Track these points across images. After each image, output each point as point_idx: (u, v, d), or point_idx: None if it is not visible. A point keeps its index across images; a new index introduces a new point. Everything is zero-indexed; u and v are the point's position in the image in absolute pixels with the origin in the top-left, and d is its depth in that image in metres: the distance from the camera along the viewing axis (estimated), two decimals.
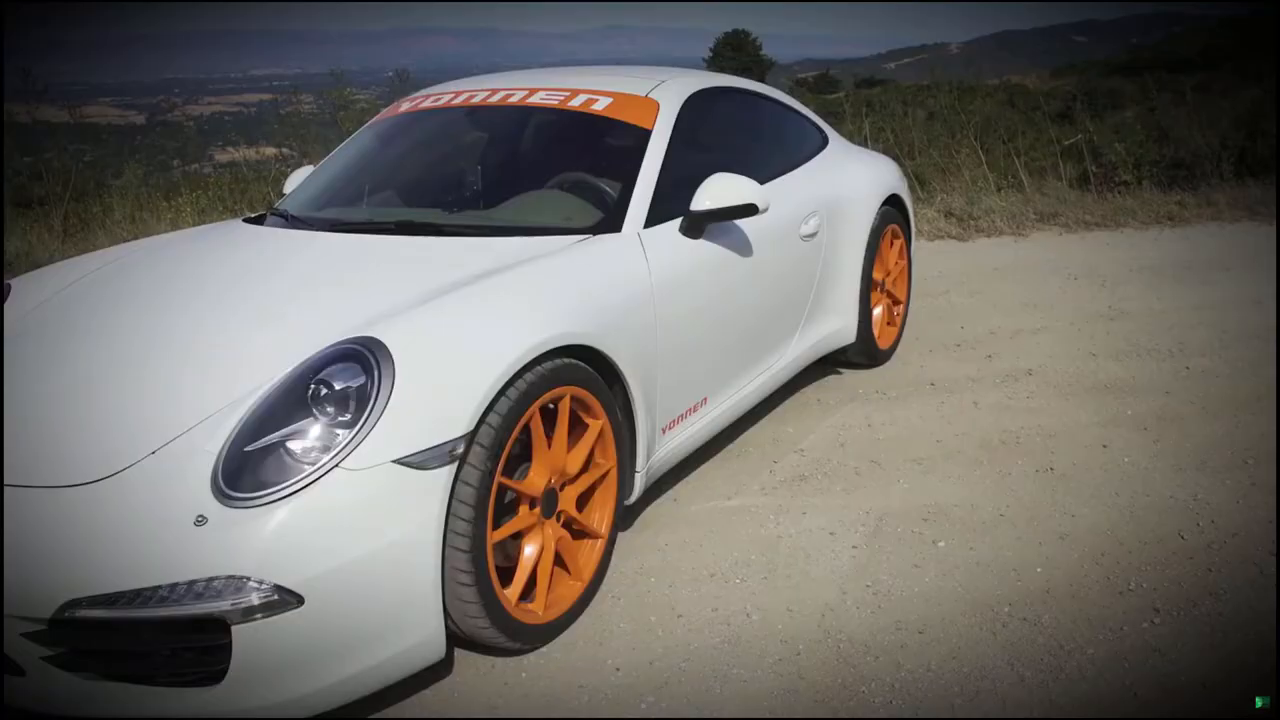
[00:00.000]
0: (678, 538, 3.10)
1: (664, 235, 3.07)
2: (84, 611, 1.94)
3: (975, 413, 4.12)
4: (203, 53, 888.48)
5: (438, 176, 3.83)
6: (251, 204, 8.92)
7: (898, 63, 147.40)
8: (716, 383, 3.33)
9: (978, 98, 12.98)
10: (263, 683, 2.00)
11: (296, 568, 1.96)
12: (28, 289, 3.04)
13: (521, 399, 2.33)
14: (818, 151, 4.40)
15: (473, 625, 2.32)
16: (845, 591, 2.78)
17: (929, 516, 3.21)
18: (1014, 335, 5.16)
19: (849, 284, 4.27)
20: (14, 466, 2.18)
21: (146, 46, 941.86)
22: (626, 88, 3.52)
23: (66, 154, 9.59)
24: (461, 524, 2.20)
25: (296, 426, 2.10)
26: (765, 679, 2.41)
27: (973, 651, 2.50)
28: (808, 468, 3.61)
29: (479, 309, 2.45)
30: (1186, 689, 2.37)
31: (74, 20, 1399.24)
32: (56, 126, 9.97)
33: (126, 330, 2.68)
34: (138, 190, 9.36)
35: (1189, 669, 2.42)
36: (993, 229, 8.01)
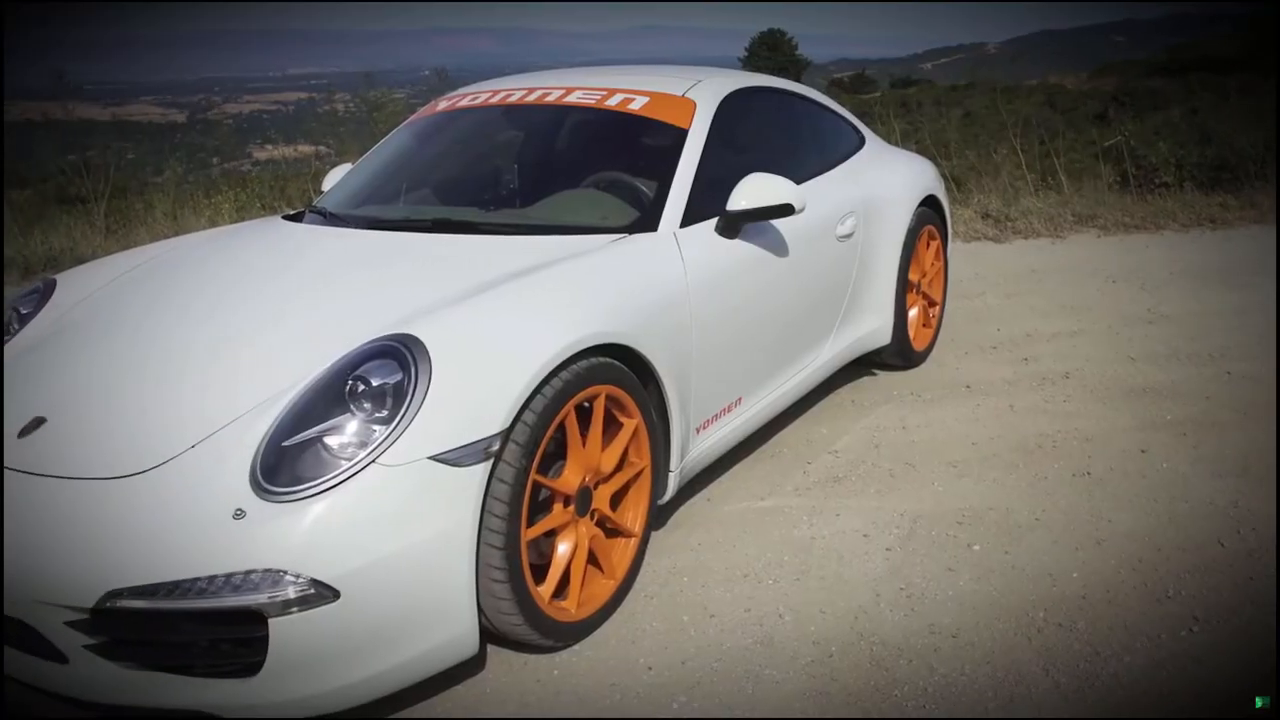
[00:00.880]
0: (711, 537, 3.10)
1: (700, 235, 3.07)
2: (125, 602, 1.97)
3: (1011, 416, 4.08)
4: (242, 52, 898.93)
5: (474, 175, 3.85)
6: (289, 201, 9.01)
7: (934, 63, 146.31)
8: (751, 383, 3.33)
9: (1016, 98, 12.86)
10: (298, 675, 2.02)
11: (332, 562, 1.98)
12: (73, 284, 3.09)
13: (557, 397, 2.33)
14: (854, 152, 4.38)
15: (506, 622, 2.33)
16: (879, 594, 2.77)
17: (964, 520, 3.18)
18: (1051, 338, 5.11)
19: (885, 285, 4.24)
20: (58, 458, 2.22)
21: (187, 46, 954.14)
22: (663, 87, 3.52)
23: (109, 152, 9.73)
24: (496, 521, 2.21)
25: (334, 422, 2.11)
26: (798, 680, 2.40)
27: (1007, 656, 2.47)
28: (842, 469, 3.60)
29: (515, 307, 2.46)
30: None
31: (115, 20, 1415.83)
32: (99, 124, 10.12)
33: (168, 325, 2.71)
34: (178, 187, 9.48)
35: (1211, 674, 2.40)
36: (1030, 230, 7.93)
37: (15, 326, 2.92)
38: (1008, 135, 9.96)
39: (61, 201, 9.24)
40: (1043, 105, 15.16)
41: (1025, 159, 9.48)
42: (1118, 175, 9.41)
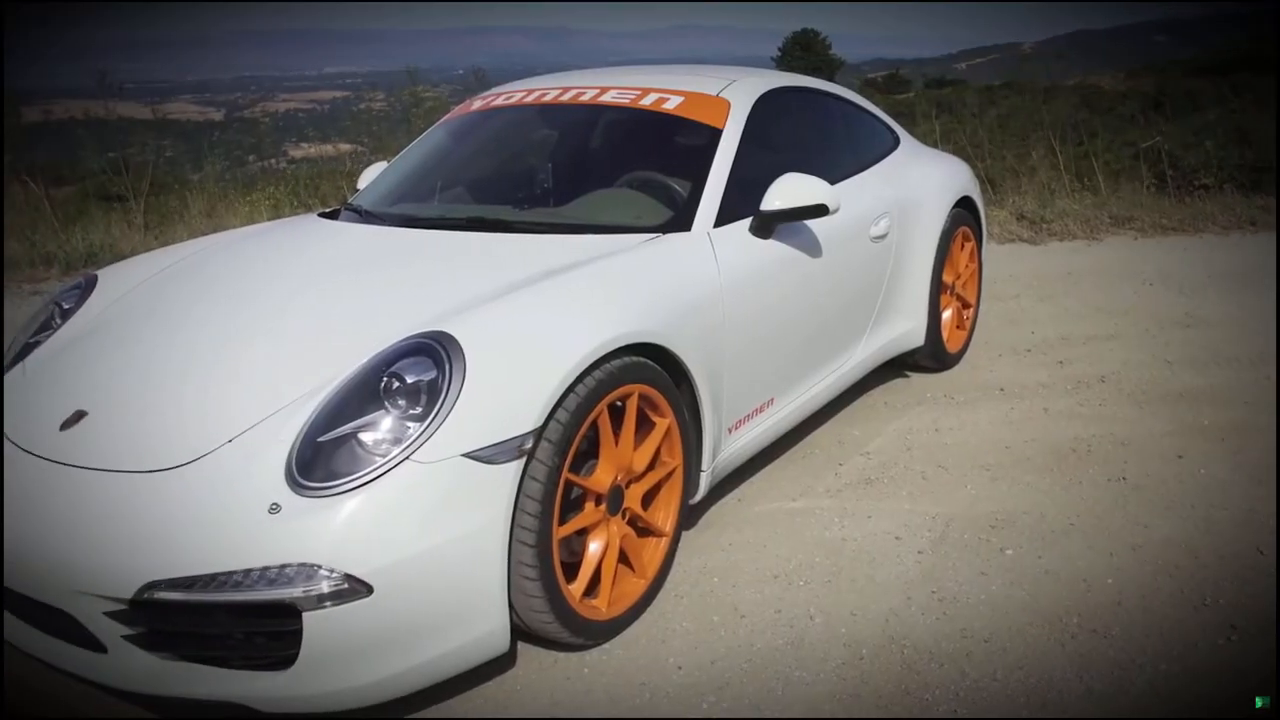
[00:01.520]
0: (742, 538, 3.09)
1: (733, 235, 3.06)
2: (162, 593, 2.00)
3: (1045, 419, 4.05)
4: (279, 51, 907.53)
5: (509, 174, 3.87)
6: (324, 199, 9.08)
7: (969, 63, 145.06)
8: (783, 383, 3.32)
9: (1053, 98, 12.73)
10: (331, 669, 2.04)
11: (366, 557, 2.00)
12: (113, 280, 3.13)
13: (590, 396, 2.34)
14: (889, 152, 4.36)
15: (537, 620, 2.34)
16: (910, 597, 2.75)
17: (997, 524, 3.16)
18: (1086, 341, 5.06)
19: (918, 286, 4.22)
20: (98, 451, 2.25)
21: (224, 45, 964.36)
22: (698, 87, 3.52)
23: (147, 150, 9.85)
24: (528, 519, 2.22)
25: (368, 419, 2.13)
26: (828, 683, 2.40)
27: (1040, 662, 2.45)
28: (874, 471, 3.58)
29: (549, 305, 2.47)
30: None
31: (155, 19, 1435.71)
32: (138, 123, 10.24)
33: (206, 321, 2.74)
34: (215, 185, 9.58)
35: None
36: (1065, 232, 7.86)
37: (57, 321, 2.96)
38: (1044, 136, 9.87)
39: (102, 199, 9.36)
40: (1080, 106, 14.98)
41: (1061, 160, 9.39)
42: (1156, 177, 9.30)
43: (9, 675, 2.41)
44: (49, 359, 2.77)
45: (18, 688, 2.39)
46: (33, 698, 2.36)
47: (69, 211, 8.82)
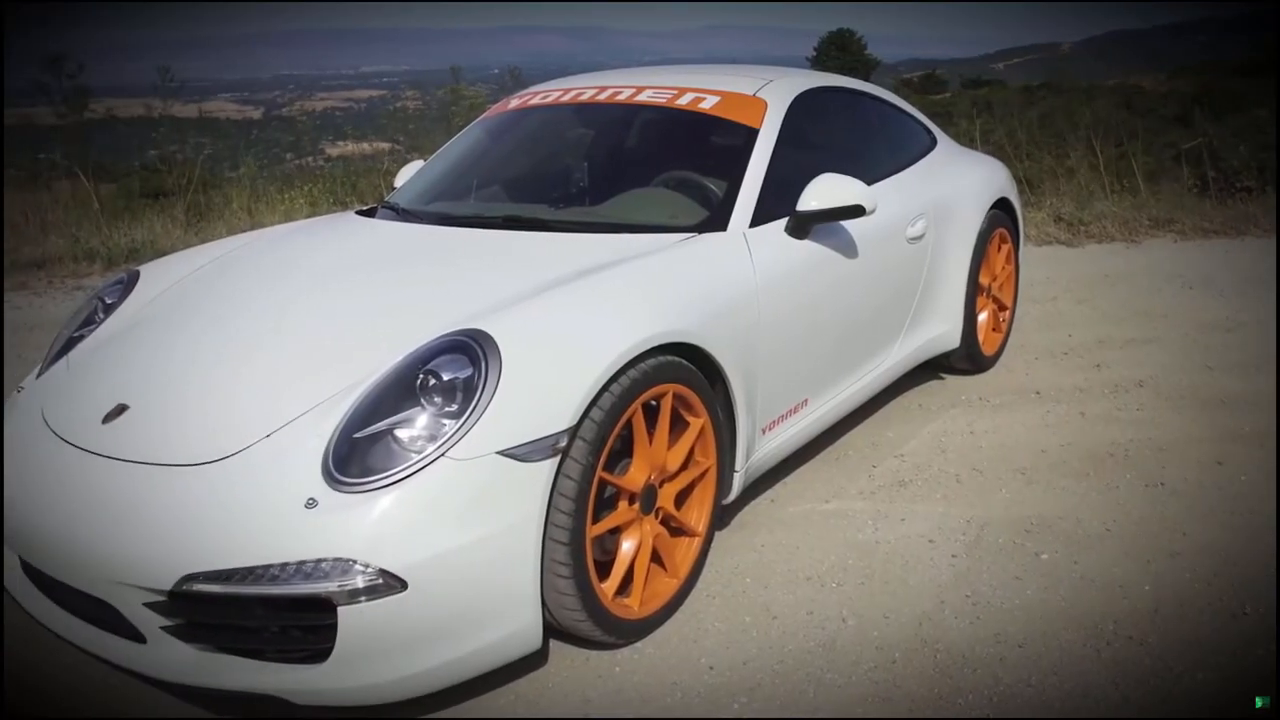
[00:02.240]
0: (774, 539, 3.09)
1: (769, 235, 3.06)
2: (200, 586, 2.02)
3: (1082, 423, 4.01)
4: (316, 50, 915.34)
5: (545, 173, 3.88)
6: (361, 197, 9.14)
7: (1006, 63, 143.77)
8: (818, 384, 3.31)
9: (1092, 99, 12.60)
10: (365, 663, 2.06)
11: (401, 553, 2.01)
12: (155, 275, 3.18)
13: (624, 395, 2.34)
14: (926, 153, 4.34)
15: (569, 617, 2.35)
16: (944, 601, 2.74)
17: (1032, 528, 3.13)
18: (1124, 345, 5.01)
19: (954, 288, 4.19)
20: (139, 444, 2.28)
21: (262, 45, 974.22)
22: (734, 86, 3.52)
23: (189, 147, 9.97)
24: (562, 517, 2.23)
25: (404, 415, 2.14)
26: (860, 685, 2.39)
27: (1075, 669, 2.43)
28: (908, 473, 3.56)
29: (584, 304, 2.48)
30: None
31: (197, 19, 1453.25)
32: (180, 121, 10.36)
33: (245, 317, 2.77)
34: (254, 182, 9.68)
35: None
36: (1104, 234, 7.78)
37: (100, 316, 3.01)
38: (1083, 137, 9.77)
39: (144, 195, 9.49)
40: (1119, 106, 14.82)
41: (1101, 161, 9.29)
42: (1197, 178, 9.18)
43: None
44: (92, 353, 2.82)
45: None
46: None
47: (113, 208, 8.94)
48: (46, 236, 7.77)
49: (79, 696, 2.38)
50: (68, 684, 2.43)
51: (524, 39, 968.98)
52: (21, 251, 7.34)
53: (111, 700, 2.37)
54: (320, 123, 14.26)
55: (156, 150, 9.92)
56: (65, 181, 9.04)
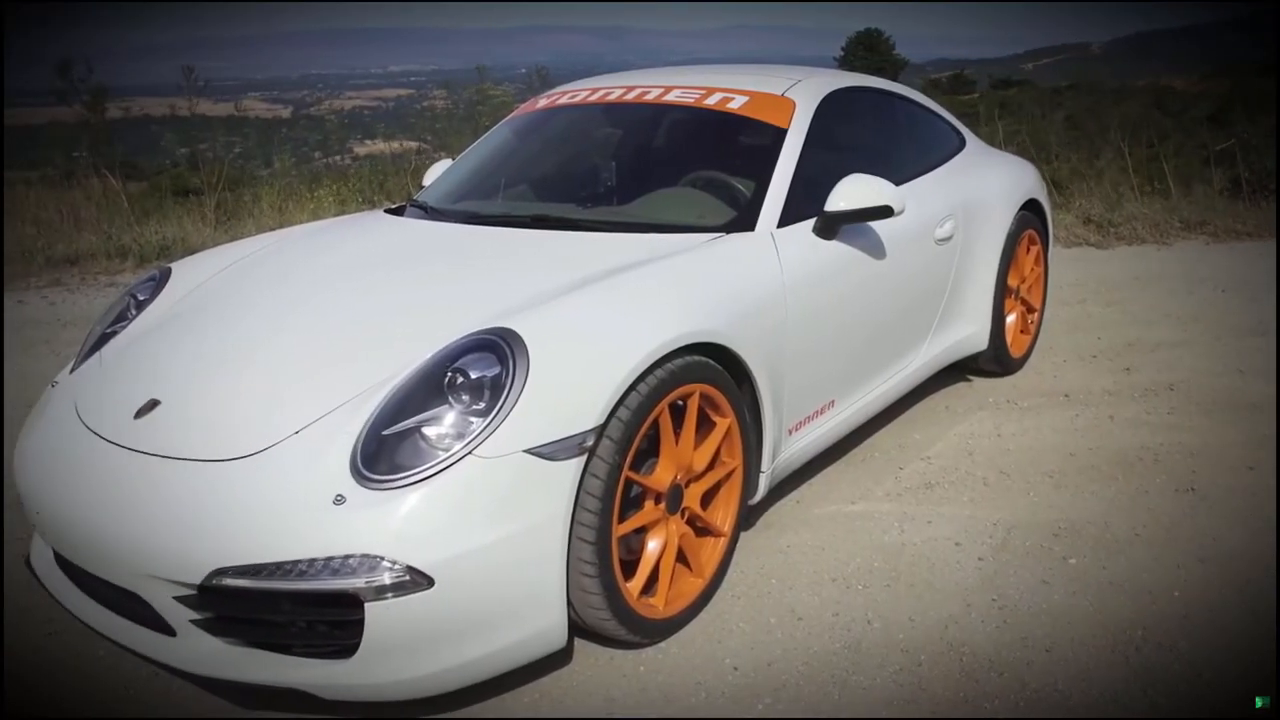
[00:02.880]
0: (800, 540, 3.08)
1: (797, 235, 3.05)
2: (229, 580, 2.04)
3: (1111, 427, 3.97)
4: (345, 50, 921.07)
5: (573, 172, 3.88)
6: (389, 195, 9.19)
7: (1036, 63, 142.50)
8: (845, 386, 3.30)
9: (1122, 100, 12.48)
10: (391, 659, 2.07)
11: (428, 550, 2.02)
12: (187, 272, 3.21)
13: (651, 394, 2.34)
14: (955, 154, 4.32)
15: (594, 616, 2.35)
16: (970, 604, 2.72)
17: (1059, 532, 3.11)
18: (1154, 348, 4.96)
19: (983, 290, 4.17)
20: (170, 440, 2.31)
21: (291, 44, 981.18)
22: (763, 86, 3.51)
23: (218, 146, 10.06)
24: (588, 516, 2.23)
25: (432, 413, 2.15)
26: (885, 688, 2.38)
27: (1103, 674, 2.41)
28: (934, 475, 3.54)
29: (612, 304, 2.48)
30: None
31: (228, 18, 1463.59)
32: (210, 119, 10.45)
33: (276, 314, 2.80)
34: (283, 180, 9.75)
35: None
36: (1134, 236, 7.72)
37: (133, 312, 3.04)
38: (1113, 138, 9.69)
39: (175, 193, 9.58)
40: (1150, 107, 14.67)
41: (1131, 162, 9.21)
42: (1229, 180, 9.08)
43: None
44: (124, 349, 2.85)
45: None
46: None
47: (144, 205, 9.03)
48: (80, 233, 7.86)
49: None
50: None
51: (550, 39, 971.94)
52: (55, 248, 7.44)
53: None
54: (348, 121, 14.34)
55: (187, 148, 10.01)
56: (97, 179, 9.14)
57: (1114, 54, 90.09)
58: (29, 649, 2.58)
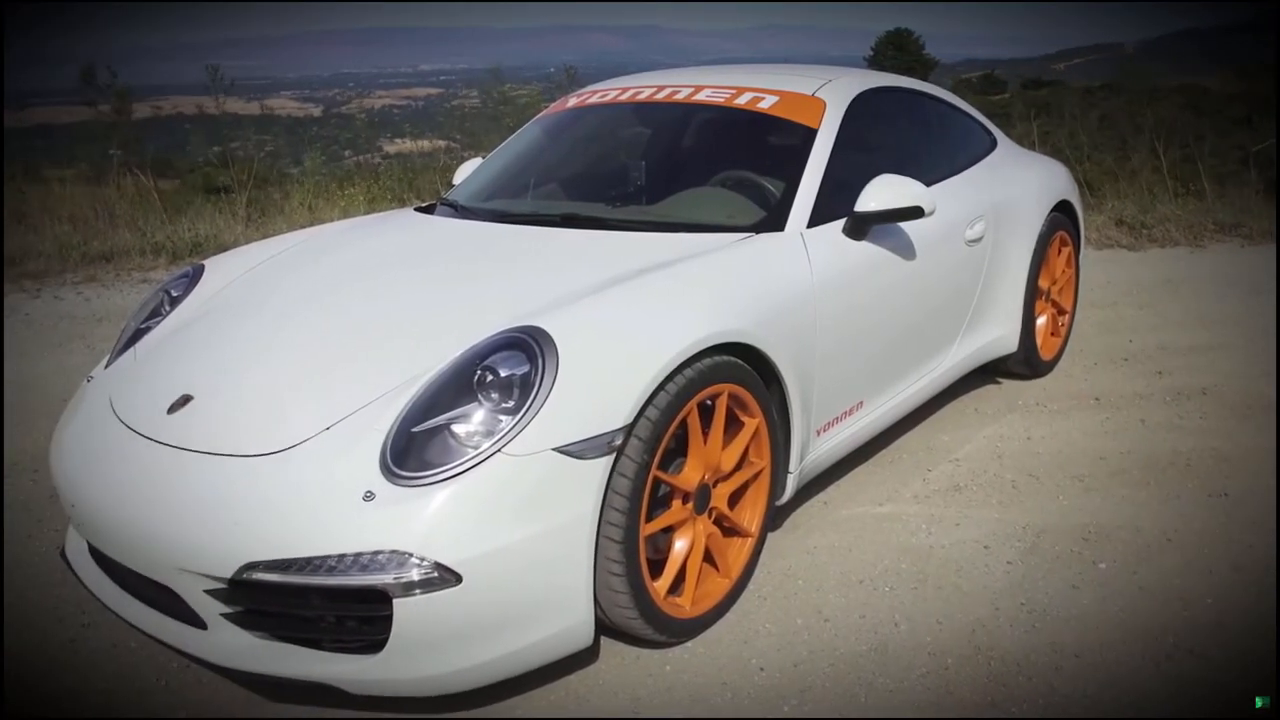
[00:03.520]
0: (827, 541, 3.07)
1: (827, 236, 3.04)
2: (260, 574, 2.06)
3: (1142, 431, 3.94)
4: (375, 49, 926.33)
5: (602, 171, 3.89)
6: (419, 193, 9.23)
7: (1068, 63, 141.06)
8: (873, 387, 3.29)
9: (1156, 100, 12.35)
10: (419, 655, 2.08)
11: (456, 547, 2.03)
12: (220, 269, 3.24)
13: (680, 394, 2.34)
14: (986, 154, 4.29)
15: (621, 615, 2.35)
16: (998, 608, 2.70)
17: (1089, 536, 3.08)
18: (1187, 351, 4.91)
19: (1013, 291, 4.14)
20: (202, 435, 2.33)
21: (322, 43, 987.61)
22: (793, 86, 3.50)
23: (249, 144, 10.14)
24: (616, 515, 2.23)
25: (461, 411, 2.16)
26: (912, 691, 2.37)
27: (1133, 681, 2.39)
28: (963, 478, 3.52)
29: (641, 303, 2.48)
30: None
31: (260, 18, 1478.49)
32: (241, 118, 10.55)
33: (306, 311, 2.82)
34: (314, 179, 9.82)
35: None
36: (1167, 238, 7.64)
37: (166, 309, 3.08)
38: (1146, 139, 9.59)
39: (207, 191, 9.67)
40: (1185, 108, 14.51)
41: (1165, 163, 9.11)
42: (1265, 182, 8.96)
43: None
44: (158, 344, 2.88)
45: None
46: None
47: (176, 203, 9.12)
48: (114, 230, 7.96)
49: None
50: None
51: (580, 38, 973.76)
52: (91, 245, 7.53)
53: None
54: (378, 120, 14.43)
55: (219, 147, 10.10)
56: (131, 177, 9.24)
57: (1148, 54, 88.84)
58: (64, 640, 2.61)
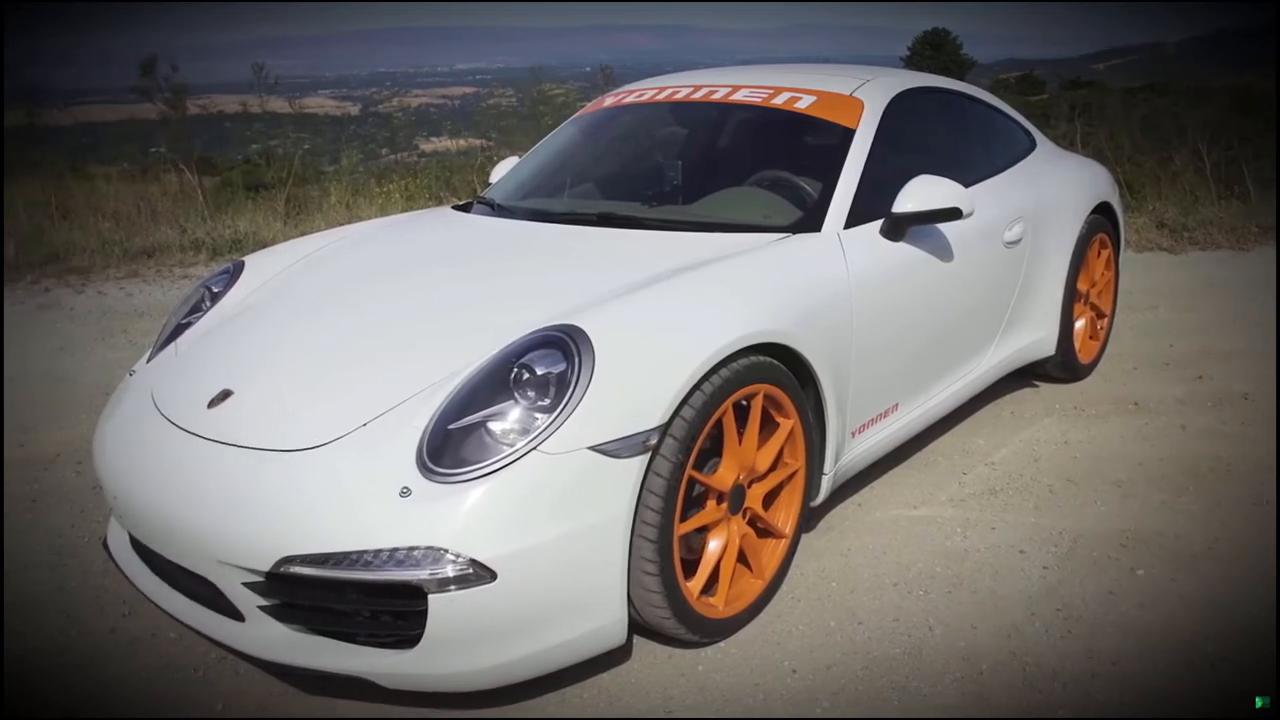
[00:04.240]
0: (861, 543, 3.06)
1: (864, 236, 3.03)
2: (297, 568, 2.08)
3: (1182, 436, 3.88)
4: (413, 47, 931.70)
5: (639, 171, 3.90)
6: (455, 192, 9.28)
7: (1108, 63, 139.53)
8: (909, 389, 3.27)
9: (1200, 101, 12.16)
10: (453, 651, 2.10)
11: (491, 544, 2.04)
12: (260, 266, 3.28)
13: (716, 394, 2.34)
14: (1025, 155, 4.25)
15: (654, 614, 2.36)
16: (1034, 613, 2.68)
17: (1127, 543, 3.05)
18: (1229, 356, 4.84)
19: (1051, 294, 4.10)
20: (242, 429, 2.36)
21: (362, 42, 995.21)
22: (831, 86, 3.49)
23: (288, 142, 10.25)
24: (650, 514, 2.23)
25: (498, 408, 2.17)
26: (946, 695, 2.35)
27: (1172, 690, 2.36)
28: (999, 481, 3.49)
29: (678, 303, 2.48)
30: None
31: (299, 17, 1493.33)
32: (281, 116, 10.66)
33: (344, 307, 2.84)
34: (351, 176, 9.91)
35: None
36: (1209, 241, 7.53)
37: (207, 304, 3.12)
38: (1189, 140, 9.45)
39: (246, 188, 9.78)
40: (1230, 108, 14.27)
41: (1208, 165, 8.97)
42: None
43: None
44: (199, 339, 2.92)
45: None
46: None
47: (216, 200, 9.24)
48: (156, 227, 8.07)
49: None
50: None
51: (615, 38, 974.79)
52: (133, 241, 7.65)
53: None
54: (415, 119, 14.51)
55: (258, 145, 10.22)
56: (172, 175, 9.36)
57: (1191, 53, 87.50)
58: (105, 629, 2.66)
